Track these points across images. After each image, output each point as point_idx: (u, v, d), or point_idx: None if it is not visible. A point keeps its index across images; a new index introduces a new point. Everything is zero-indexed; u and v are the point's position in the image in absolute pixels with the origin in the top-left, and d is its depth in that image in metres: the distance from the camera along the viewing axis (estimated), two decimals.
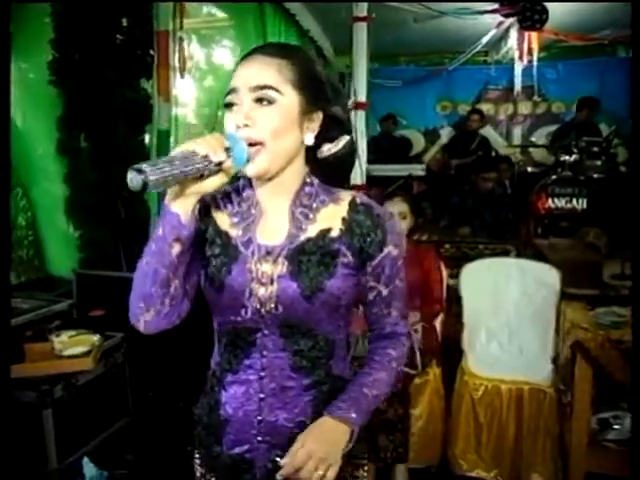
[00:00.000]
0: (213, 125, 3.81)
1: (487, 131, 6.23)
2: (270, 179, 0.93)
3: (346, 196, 0.97)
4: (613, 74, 5.96)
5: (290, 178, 0.94)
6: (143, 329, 0.92)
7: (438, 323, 2.41)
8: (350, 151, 1.00)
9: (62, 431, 2.16)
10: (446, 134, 6.68)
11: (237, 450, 0.96)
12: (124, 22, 3.09)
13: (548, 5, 4.77)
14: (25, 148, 2.83)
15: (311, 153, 0.96)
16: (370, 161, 3.91)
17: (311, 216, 0.94)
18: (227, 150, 0.82)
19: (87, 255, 3.01)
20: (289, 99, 0.88)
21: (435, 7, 4.66)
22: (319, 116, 0.93)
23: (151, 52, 3.22)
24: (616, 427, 2.19)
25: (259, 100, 0.87)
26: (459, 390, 2.32)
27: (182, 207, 0.83)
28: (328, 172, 0.98)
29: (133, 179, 0.75)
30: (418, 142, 6.83)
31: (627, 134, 4.79)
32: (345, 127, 0.98)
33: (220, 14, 3.89)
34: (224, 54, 4.03)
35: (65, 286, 2.89)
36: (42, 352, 2.21)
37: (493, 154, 5.73)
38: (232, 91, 0.90)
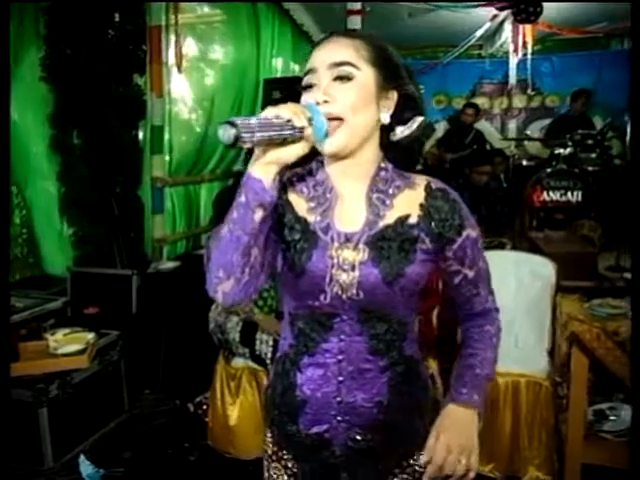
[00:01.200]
0: (207, 121, 3.80)
1: (482, 125, 6.24)
2: (345, 157, 0.93)
3: (421, 181, 0.98)
4: (607, 67, 5.98)
5: (365, 160, 0.95)
6: (221, 299, 0.90)
7: (434, 316, 2.41)
8: (422, 134, 1.00)
9: (58, 429, 2.15)
10: (441, 128, 6.68)
11: (315, 429, 0.98)
12: (116, 17, 3.07)
13: None
14: (18, 146, 2.82)
15: (386, 137, 0.97)
16: None
17: (388, 202, 0.95)
18: (309, 120, 0.82)
19: (81, 252, 3.00)
20: (366, 75, 0.90)
21: (429, 1, 4.65)
22: (394, 95, 0.94)
23: (144, 47, 3.21)
24: (612, 418, 2.20)
25: (338, 78, 0.89)
26: None
27: (265, 173, 0.83)
28: (400, 155, 0.99)
29: (225, 132, 0.75)
30: None
31: (621, 127, 4.81)
32: (419, 108, 0.98)
33: (213, 9, 3.87)
34: (217, 49, 4.00)
35: (59, 284, 2.88)
36: (37, 350, 2.21)
37: (488, 148, 5.73)
38: (310, 71, 0.92)
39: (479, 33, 5.55)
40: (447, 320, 2.59)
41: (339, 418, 0.97)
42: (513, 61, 5.88)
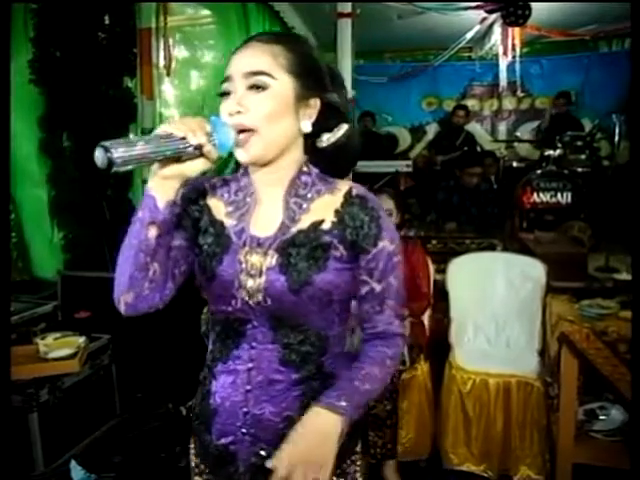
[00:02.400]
0: None
1: (472, 127, 6.27)
2: (266, 166, 0.91)
3: (343, 186, 0.95)
4: (595, 69, 6.05)
5: (286, 167, 0.93)
6: (124, 310, 0.90)
7: (426, 318, 2.42)
8: (350, 141, 0.97)
9: (49, 434, 2.14)
10: (432, 130, 6.71)
11: (223, 441, 0.95)
12: (106, 20, 3.05)
13: (530, 1, 4.80)
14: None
15: (310, 143, 0.95)
16: None
17: (305, 206, 0.92)
18: (209, 135, 0.80)
19: (72, 256, 2.98)
20: (283, 84, 0.87)
21: (419, 4, 4.67)
22: (316, 103, 0.91)
23: (134, 50, 3.20)
24: (602, 418, 2.22)
25: (253, 87, 0.86)
26: (447, 384, 2.33)
27: (160, 190, 0.82)
28: (328, 162, 0.96)
29: (99, 157, 0.72)
30: (404, 138, 6.86)
31: (610, 128, 4.85)
32: (344, 115, 0.96)
33: (203, 12, 3.86)
34: (207, 52, 4.00)
35: (50, 288, 2.86)
36: (27, 355, 2.19)
37: (479, 150, 5.77)
38: (226, 79, 0.89)
39: (469, 36, 5.59)
40: (439, 323, 2.61)
41: (244, 430, 0.93)
42: (503, 63, 5.92)
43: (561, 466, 2.06)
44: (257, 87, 0.86)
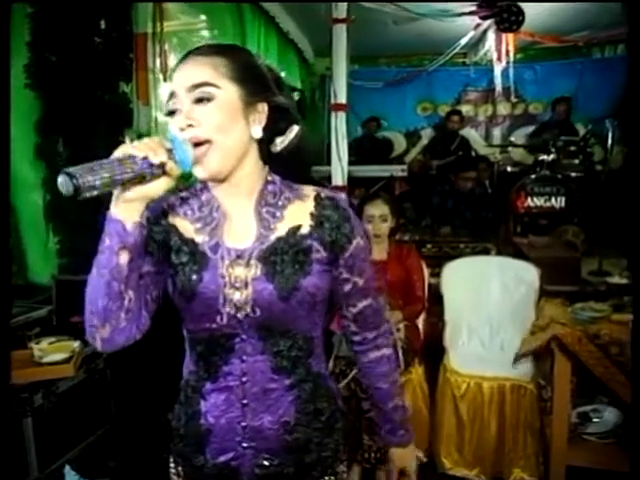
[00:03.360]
0: None
1: (467, 132, 6.31)
2: (226, 179, 0.91)
3: (309, 191, 0.96)
4: (588, 75, 6.09)
5: (246, 177, 0.92)
6: (100, 347, 0.87)
7: (420, 322, 2.43)
8: (303, 142, 0.97)
9: (43, 439, 2.13)
10: (427, 135, 6.74)
11: (222, 459, 0.94)
12: (102, 24, 3.06)
13: (524, 7, 4.84)
14: None
15: (266, 150, 0.94)
16: (352, 162, 3.93)
17: (278, 214, 0.93)
18: (169, 152, 0.79)
19: (67, 261, 2.97)
20: (228, 93, 0.87)
21: (414, 9, 4.70)
22: (264, 107, 0.91)
23: (130, 55, 3.20)
24: (595, 420, 2.23)
25: (199, 100, 0.86)
26: (442, 388, 2.34)
27: (126, 214, 0.80)
28: (286, 167, 0.97)
29: (63, 183, 0.70)
30: (399, 143, 6.88)
31: (603, 133, 4.90)
32: (292, 117, 0.96)
33: (199, 17, 3.87)
34: None
35: (44, 292, 2.85)
36: (21, 359, 2.18)
37: (473, 154, 5.80)
38: (171, 96, 0.88)
39: (463, 41, 5.62)
40: (433, 326, 2.62)
41: (245, 444, 0.93)
42: (498, 69, 5.97)
43: (555, 468, 2.08)
44: (203, 99, 0.85)
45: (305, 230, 0.92)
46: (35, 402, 2.09)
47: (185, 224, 0.94)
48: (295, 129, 0.96)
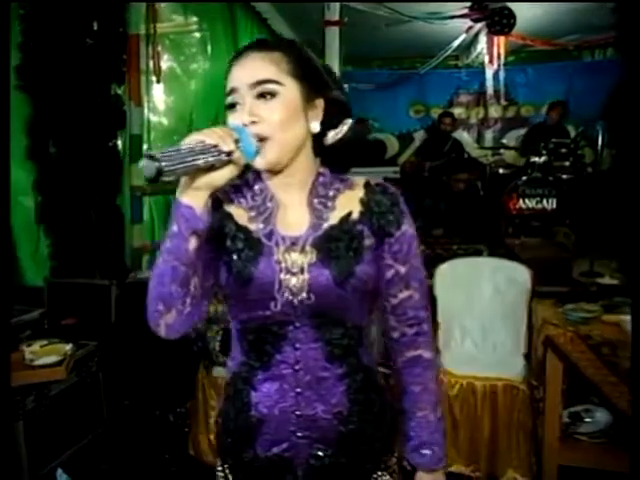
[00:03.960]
0: (187, 129, 3.79)
1: (459, 134, 6.34)
2: (281, 171, 0.92)
3: (359, 180, 0.98)
4: (579, 77, 6.15)
5: (301, 169, 0.94)
6: (165, 333, 0.88)
7: None
8: (355, 134, 0.98)
9: (35, 443, 2.11)
10: (420, 137, 6.77)
11: (275, 450, 0.93)
12: (95, 26, 3.05)
13: (516, 10, 4.88)
14: None
15: (317, 143, 0.96)
16: None
17: (329, 204, 0.94)
18: (236, 141, 0.81)
19: (58, 263, 2.96)
20: (290, 90, 0.88)
21: (405, 12, 4.73)
22: (321, 103, 0.93)
23: (123, 57, 3.19)
24: (587, 420, 2.25)
25: (261, 95, 0.87)
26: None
27: (195, 199, 0.81)
28: (337, 159, 0.98)
29: (147, 167, 0.73)
30: (392, 145, 6.91)
31: (593, 135, 4.94)
32: (346, 110, 0.98)
33: (191, 19, 3.88)
34: (195, 58, 4.01)
35: (36, 295, 2.83)
36: (13, 362, 2.16)
37: (465, 156, 5.83)
38: (232, 91, 0.89)
39: (455, 44, 5.66)
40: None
41: (299, 434, 0.92)
42: (489, 72, 6.01)
43: (547, 468, 2.09)
44: (266, 95, 0.87)
45: (355, 216, 0.93)
46: (27, 405, 2.07)
47: (239, 212, 0.95)
48: (348, 122, 0.97)
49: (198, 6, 3.84)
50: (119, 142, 3.24)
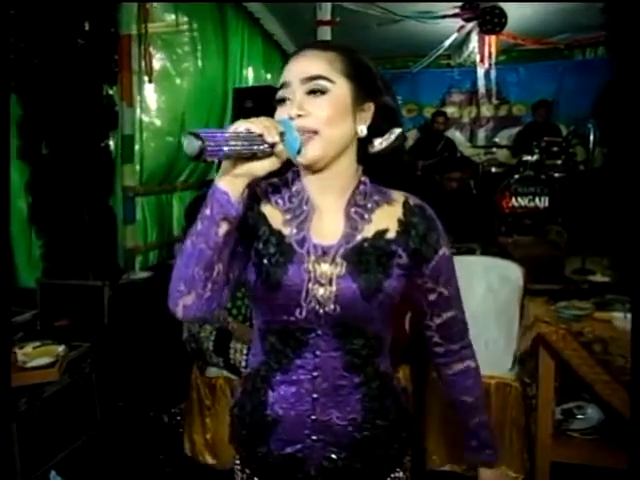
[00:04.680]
0: (179, 130, 3.78)
1: (452, 133, 6.36)
2: (321, 171, 0.92)
3: (399, 197, 0.97)
4: (570, 76, 6.18)
5: (341, 173, 0.93)
6: (182, 314, 0.87)
7: (406, 321, 2.44)
8: (402, 145, 0.98)
9: (28, 445, 2.10)
10: (412, 137, 6.78)
11: (288, 450, 0.95)
12: (86, 26, 3.04)
13: (507, 9, 4.91)
14: None
15: (363, 150, 0.95)
16: None
17: (366, 216, 0.93)
18: (281, 134, 0.81)
19: (51, 264, 2.95)
20: (341, 88, 0.89)
21: (397, 11, 4.74)
22: (371, 107, 0.93)
23: (115, 57, 3.19)
24: (579, 417, 2.27)
25: (312, 92, 0.88)
26: (430, 386, 2.36)
27: (232, 186, 0.81)
28: (380, 168, 0.97)
29: (190, 144, 0.73)
30: None
31: (585, 134, 4.97)
32: (397, 120, 0.97)
33: (182, 19, 3.87)
34: (187, 58, 4.00)
35: (28, 296, 2.82)
36: None
37: (458, 155, 5.85)
38: (284, 85, 0.90)
39: (447, 43, 5.68)
40: (419, 326, 2.63)
41: (314, 437, 0.94)
42: (480, 71, 6.03)
43: (540, 465, 2.10)
44: (316, 91, 0.88)
45: (391, 235, 0.93)
46: (20, 407, 2.07)
47: (275, 213, 0.95)
48: (397, 132, 0.96)
49: (189, 6, 3.84)
50: (111, 143, 3.24)
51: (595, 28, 5.20)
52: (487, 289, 2.56)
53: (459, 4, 4.94)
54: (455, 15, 5.02)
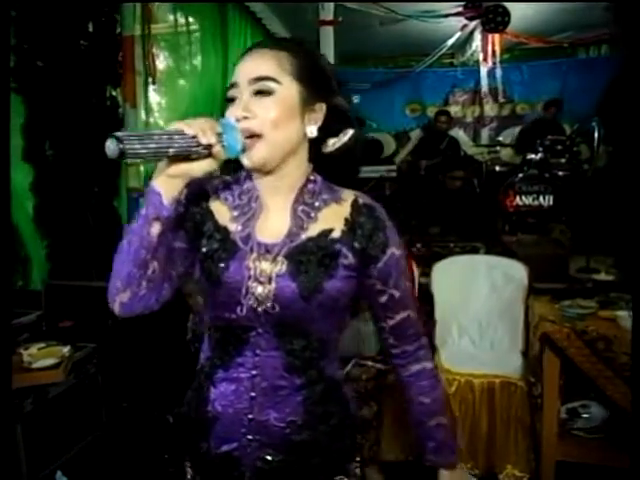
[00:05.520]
0: None
1: (455, 133, 6.34)
2: (270, 172, 0.91)
3: (348, 196, 0.96)
4: (573, 75, 6.15)
5: (291, 173, 0.93)
6: (118, 310, 0.88)
7: None
8: (355, 145, 0.97)
9: (33, 446, 2.11)
10: (416, 136, 6.77)
11: (225, 448, 0.94)
12: (90, 28, 3.05)
13: (510, 8, 4.89)
14: None
15: (315, 150, 0.95)
16: None
17: (313, 215, 0.93)
18: (219, 135, 0.81)
19: (56, 265, 2.96)
20: (288, 89, 0.88)
21: (400, 11, 4.73)
22: (322, 108, 0.92)
23: (118, 58, 3.20)
24: (585, 416, 2.26)
25: (258, 92, 0.87)
26: None
27: (166, 187, 0.81)
28: (333, 168, 0.97)
29: (110, 147, 0.72)
30: (389, 144, 6.91)
31: (589, 132, 4.95)
32: (349, 120, 0.96)
33: (184, 19, 3.87)
34: (189, 59, 4.01)
35: (33, 297, 2.83)
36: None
37: (462, 154, 5.84)
38: (232, 86, 0.90)
39: (450, 42, 5.67)
40: (423, 325, 2.63)
41: (249, 437, 0.93)
42: (483, 70, 6.01)
43: (545, 464, 2.10)
44: (262, 92, 0.87)
45: (337, 234, 0.92)
46: (25, 408, 2.07)
47: (223, 210, 0.95)
48: (350, 132, 0.96)
49: (191, 6, 3.84)
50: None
51: (599, 26, 5.19)
52: (491, 288, 2.56)
53: (462, 3, 4.94)
54: (458, 14, 5.01)
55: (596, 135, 4.18)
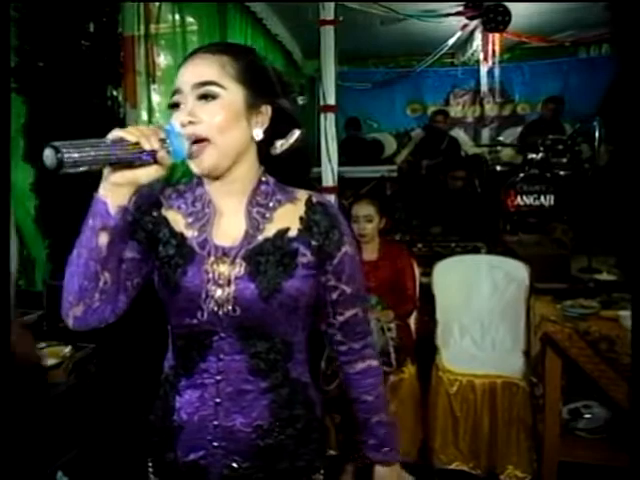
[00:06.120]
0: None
1: (456, 133, 6.34)
2: (221, 177, 0.92)
3: (302, 195, 0.97)
4: (574, 74, 6.15)
5: (242, 176, 0.93)
6: (72, 324, 0.87)
7: (412, 321, 2.44)
8: (303, 146, 0.98)
9: (34, 446, 2.11)
10: (417, 136, 6.75)
11: (192, 456, 0.94)
12: (91, 28, 3.04)
13: (511, 7, 4.88)
14: None
15: (264, 152, 0.96)
16: (342, 163, 3.94)
17: (268, 215, 0.93)
18: (162, 141, 0.80)
19: (57, 265, 2.95)
20: (233, 93, 0.88)
21: (400, 10, 4.72)
22: (267, 110, 0.92)
23: (119, 59, 3.19)
24: (587, 416, 2.26)
25: (203, 97, 0.87)
26: (435, 386, 2.35)
27: (112, 195, 0.80)
28: (284, 169, 0.98)
29: (48, 157, 0.71)
30: (390, 144, 6.90)
31: (590, 132, 4.94)
32: (295, 121, 0.97)
33: (185, 19, 3.87)
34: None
35: (34, 297, 2.83)
36: None
37: (462, 154, 5.83)
38: (176, 92, 0.90)
39: (451, 42, 5.65)
40: (425, 325, 2.63)
41: (215, 444, 0.92)
42: (483, 69, 6.00)
43: (547, 464, 2.10)
44: (207, 97, 0.87)
45: (293, 233, 0.93)
46: None
47: (177, 217, 0.95)
48: (296, 133, 0.97)
49: (191, 6, 3.84)
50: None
51: (599, 25, 5.18)
52: (493, 288, 2.56)
53: (462, 2, 4.92)
54: (458, 13, 4.99)
55: (597, 134, 4.18)
